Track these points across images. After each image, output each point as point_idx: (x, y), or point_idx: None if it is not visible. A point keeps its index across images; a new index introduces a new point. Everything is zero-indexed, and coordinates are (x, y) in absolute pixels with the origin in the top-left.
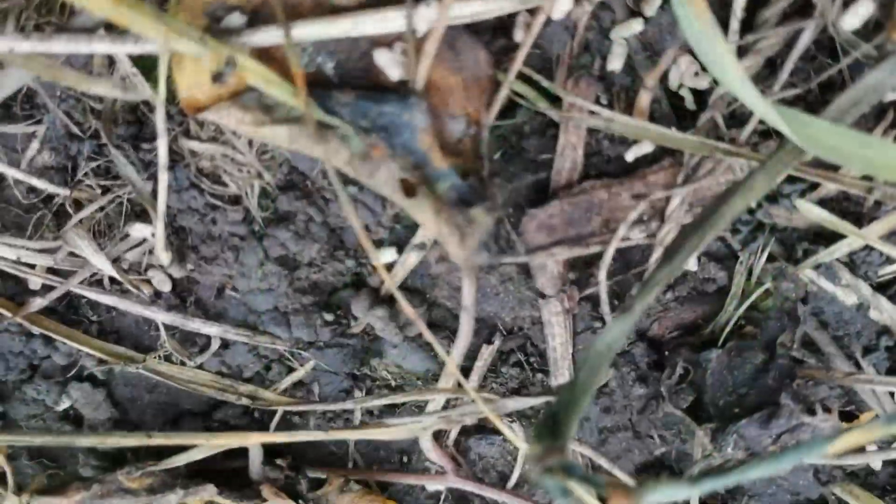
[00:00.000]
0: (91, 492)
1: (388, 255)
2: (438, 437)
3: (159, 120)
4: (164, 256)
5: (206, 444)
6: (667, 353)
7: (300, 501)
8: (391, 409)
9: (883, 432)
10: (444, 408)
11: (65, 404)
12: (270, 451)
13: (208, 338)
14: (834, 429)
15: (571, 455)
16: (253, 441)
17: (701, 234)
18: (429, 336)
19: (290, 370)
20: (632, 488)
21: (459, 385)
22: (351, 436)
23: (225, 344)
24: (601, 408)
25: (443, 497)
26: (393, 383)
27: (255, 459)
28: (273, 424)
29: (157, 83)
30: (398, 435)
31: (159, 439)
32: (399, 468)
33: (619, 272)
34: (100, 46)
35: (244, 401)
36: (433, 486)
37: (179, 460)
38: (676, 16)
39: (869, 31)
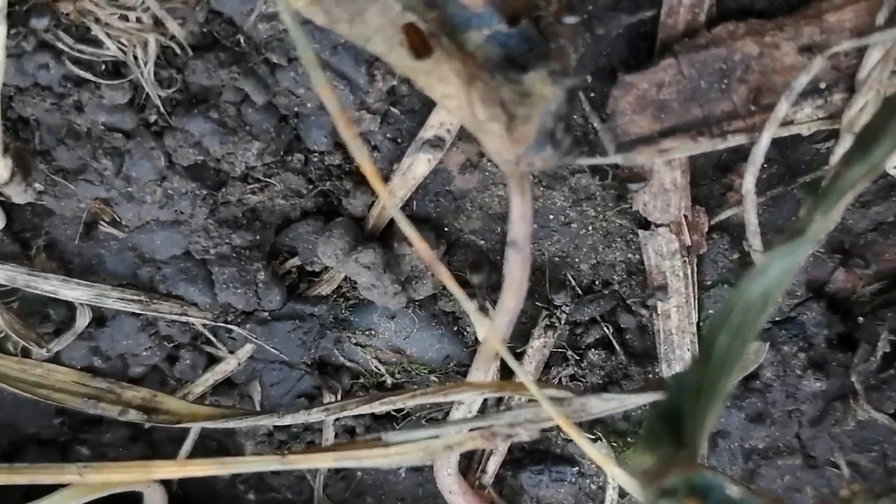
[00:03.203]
0: None
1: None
2: (469, 470)
3: None
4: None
5: (80, 482)
6: (860, 319)
7: None
8: (386, 423)
9: None
10: (479, 416)
11: None
12: (181, 503)
13: (70, 308)
14: None
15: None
16: (155, 475)
17: None
18: (454, 289)
19: (213, 361)
20: None
21: (504, 374)
22: (321, 463)
23: (99, 318)
24: (748, 415)
25: None
26: (388, 380)
27: None
28: (184, 452)
29: None
30: (403, 459)
31: None
32: None
33: (775, 181)
34: None
35: (133, 415)
36: None
37: None
38: None
39: None
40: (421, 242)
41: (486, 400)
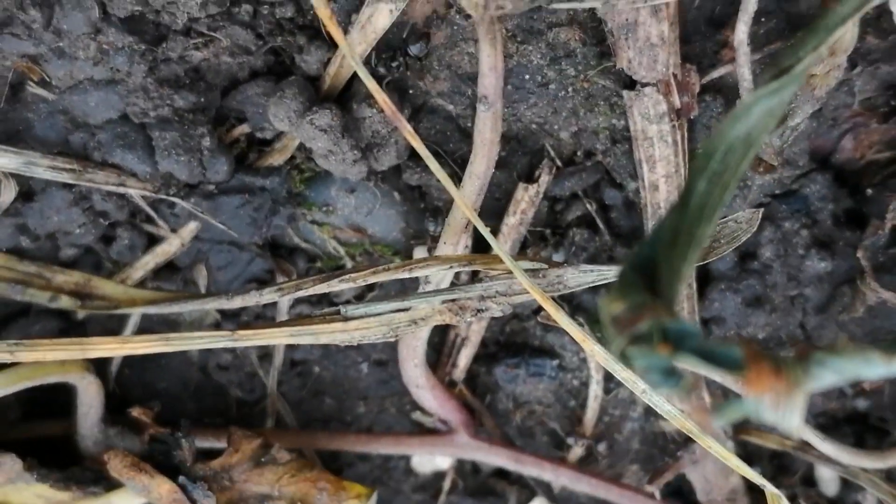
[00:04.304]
0: None
1: None
2: (439, 364)
3: None
4: None
5: (10, 361)
6: (869, 190)
7: (181, 478)
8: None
9: None
10: (448, 289)
11: None
12: (117, 402)
13: None
14: None
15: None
16: (93, 353)
17: None
18: (422, 150)
19: (153, 241)
20: (785, 362)
21: (479, 248)
22: (275, 339)
23: (26, 192)
24: (746, 300)
25: (448, 479)
26: (347, 263)
27: (91, 409)
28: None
29: None
30: (365, 334)
31: None
32: (364, 427)
33: (773, 37)
34: None
35: (64, 302)
36: (429, 459)
37: None
38: None
39: None
40: (382, 95)
41: (456, 279)
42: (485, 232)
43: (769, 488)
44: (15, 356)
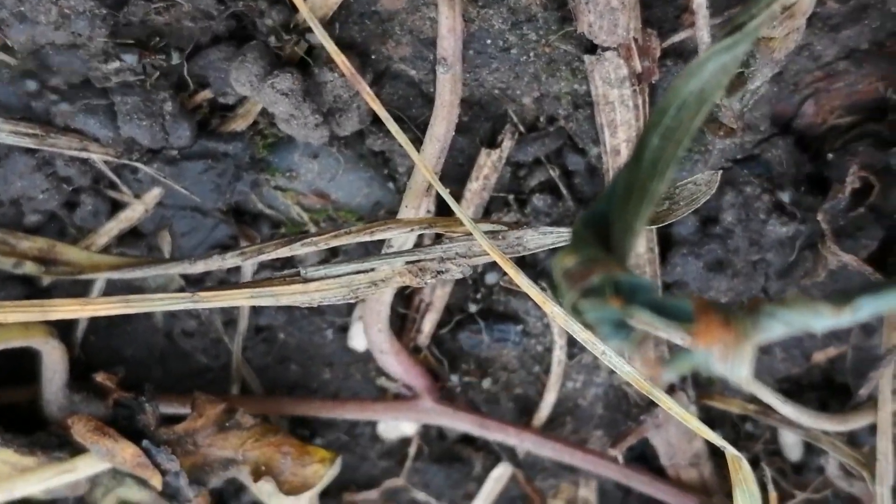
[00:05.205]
0: None
1: None
2: (404, 330)
3: None
4: None
5: None
6: (830, 155)
7: (145, 443)
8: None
9: None
10: (408, 251)
11: None
12: (82, 368)
13: None
14: None
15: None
16: (54, 314)
17: None
18: (382, 113)
19: (117, 207)
20: (735, 315)
21: (442, 213)
22: (235, 300)
23: None
24: (707, 264)
25: (413, 445)
26: (311, 228)
27: (55, 374)
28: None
29: None
30: (325, 296)
31: None
32: (330, 394)
33: (734, 1)
34: None
35: (29, 267)
36: (395, 425)
37: None
38: None
39: None
40: (341, 56)
41: (420, 243)
42: (444, 193)
43: (730, 450)
44: None
